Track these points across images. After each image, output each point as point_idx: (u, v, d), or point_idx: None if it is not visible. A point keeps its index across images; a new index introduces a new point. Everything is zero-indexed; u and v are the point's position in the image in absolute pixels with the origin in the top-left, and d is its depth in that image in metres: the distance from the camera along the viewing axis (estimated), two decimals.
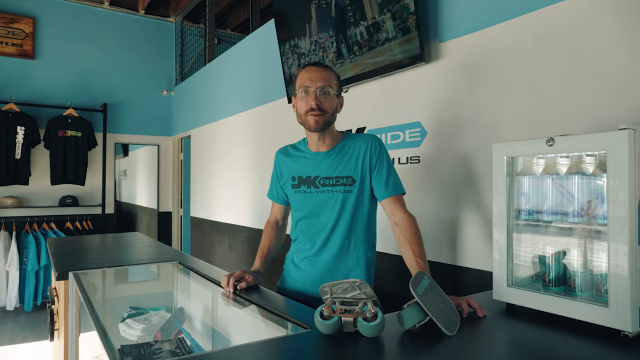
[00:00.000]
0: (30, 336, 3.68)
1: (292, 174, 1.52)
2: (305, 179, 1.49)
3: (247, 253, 3.61)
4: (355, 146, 1.45)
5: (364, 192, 1.44)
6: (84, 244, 2.65)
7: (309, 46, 2.54)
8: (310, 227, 1.49)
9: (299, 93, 1.42)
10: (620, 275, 0.91)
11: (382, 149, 1.45)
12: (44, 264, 4.38)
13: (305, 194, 1.48)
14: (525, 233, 1.15)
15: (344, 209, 1.43)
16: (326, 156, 1.47)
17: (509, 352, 0.95)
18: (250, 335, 1.38)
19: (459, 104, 1.83)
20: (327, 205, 1.44)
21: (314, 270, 1.47)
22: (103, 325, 1.17)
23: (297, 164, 1.52)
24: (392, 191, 1.42)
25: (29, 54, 4.60)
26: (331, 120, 1.44)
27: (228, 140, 3.99)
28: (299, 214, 1.52)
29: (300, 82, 1.42)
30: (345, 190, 1.43)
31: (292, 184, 1.52)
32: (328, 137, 1.47)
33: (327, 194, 1.44)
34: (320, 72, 1.41)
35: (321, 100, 1.39)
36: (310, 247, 1.49)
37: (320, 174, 1.46)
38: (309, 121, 1.41)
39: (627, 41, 1.31)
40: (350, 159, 1.44)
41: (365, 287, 0.95)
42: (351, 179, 1.43)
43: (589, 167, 1.03)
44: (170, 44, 5.49)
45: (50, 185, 4.60)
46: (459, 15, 1.84)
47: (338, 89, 1.45)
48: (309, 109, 1.39)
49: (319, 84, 1.39)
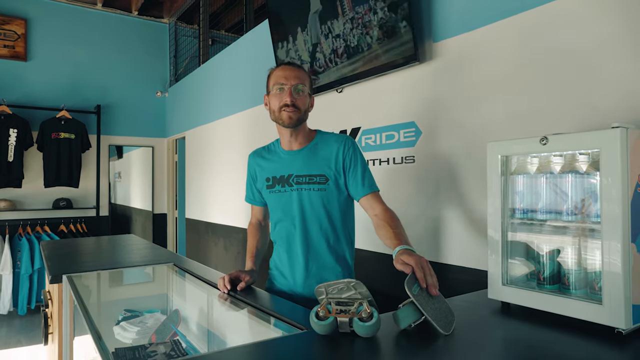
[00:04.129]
0: (24, 340, 3.65)
1: (266, 175, 1.53)
2: (279, 178, 1.49)
3: (242, 254, 3.60)
4: (328, 145, 1.48)
5: (337, 191, 1.46)
6: (78, 247, 2.63)
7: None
8: (287, 227, 1.49)
9: (273, 90, 1.44)
10: (613, 272, 0.92)
11: (355, 148, 1.47)
12: (37, 267, 4.34)
13: (280, 194, 1.49)
14: (520, 232, 1.16)
15: (319, 206, 1.45)
16: (298, 154, 1.49)
17: (505, 350, 0.96)
18: (246, 337, 1.37)
19: (453, 104, 1.84)
20: (301, 203, 1.45)
21: (298, 273, 1.48)
22: (97, 328, 1.17)
23: (271, 164, 1.53)
24: (368, 188, 1.44)
25: (21, 56, 4.57)
26: (304, 118, 1.46)
27: (223, 142, 3.98)
28: (276, 215, 1.53)
29: (274, 79, 1.44)
30: (319, 188, 1.44)
31: (266, 184, 1.53)
32: (300, 135, 1.49)
33: (301, 191, 1.45)
34: (294, 70, 1.44)
35: (295, 97, 1.41)
36: (289, 248, 1.49)
37: (294, 172, 1.47)
38: (283, 117, 1.42)
39: (619, 40, 1.32)
40: (323, 158, 1.46)
41: (361, 287, 0.95)
42: (324, 177, 1.45)
43: (583, 165, 1.04)
44: (164, 45, 5.47)
45: (44, 187, 4.56)
46: (452, 15, 1.84)
47: (310, 88, 1.49)
48: (283, 105, 1.41)
49: (294, 82, 1.42)
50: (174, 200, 5.47)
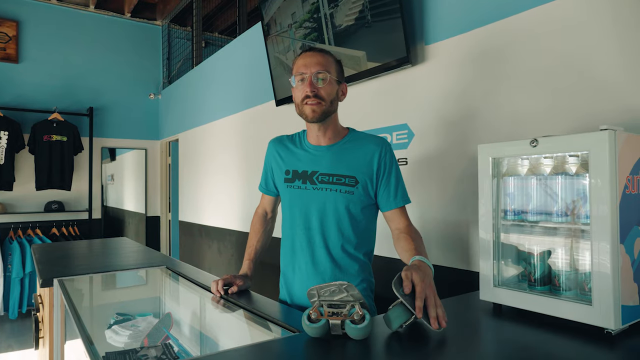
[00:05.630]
0: (15, 345, 3.61)
1: (286, 167, 1.38)
2: (301, 173, 1.34)
3: (236, 257, 3.59)
4: (363, 146, 1.33)
5: (365, 197, 1.32)
6: (70, 250, 2.61)
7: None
8: (303, 230, 1.34)
9: (295, 82, 1.30)
10: (603, 273, 0.92)
11: (393, 155, 1.34)
12: (29, 271, 4.30)
13: (299, 190, 1.34)
14: (511, 233, 1.16)
15: (343, 211, 1.30)
16: (327, 151, 1.35)
17: (496, 351, 0.96)
18: (239, 340, 1.37)
19: (445, 106, 1.85)
20: (324, 205, 1.31)
21: (315, 282, 1.29)
22: (88, 332, 1.16)
23: (293, 156, 1.39)
24: (401, 201, 1.32)
25: (12, 58, 4.53)
26: (331, 110, 1.31)
27: (216, 144, 3.97)
28: (290, 213, 1.37)
29: (295, 69, 1.30)
30: (346, 190, 1.30)
31: (285, 177, 1.37)
32: (330, 130, 1.35)
33: (325, 192, 1.30)
34: (315, 56, 1.28)
35: (317, 86, 1.26)
36: (302, 255, 1.35)
37: (319, 170, 1.32)
38: (306, 111, 1.28)
39: (609, 43, 1.34)
40: (357, 158, 1.32)
41: (353, 290, 0.95)
42: (354, 179, 1.30)
43: (572, 167, 1.05)
44: (157, 47, 5.45)
45: (36, 190, 4.53)
46: (444, 17, 1.85)
47: (338, 75, 1.32)
48: (305, 97, 1.27)
49: (314, 69, 1.26)
50: (167, 203, 5.44)
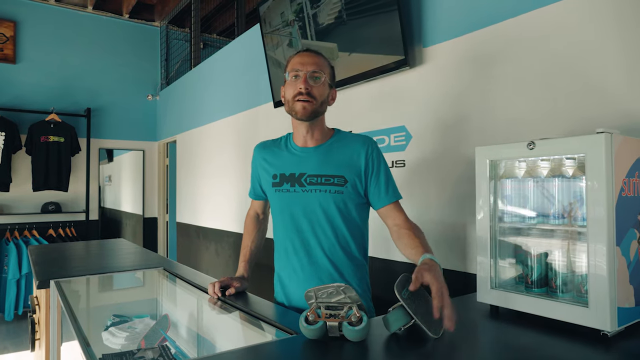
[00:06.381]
0: (10, 346, 3.59)
1: (273, 171, 1.38)
2: (288, 176, 1.34)
3: (233, 258, 3.58)
4: (350, 145, 1.34)
5: (355, 196, 1.32)
6: (67, 251, 2.60)
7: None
8: (296, 233, 1.33)
9: (288, 78, 1.31)
10: (599, 275, 0.93)
11: (379, 152, 1.35)
12: (25, 272, 4.28)
13: (288, 194, 1.33)
14: (508, 235, 1.17)
15: (334, 211, 1.30)
16: (314, 152, 1.35)
17: (493, 353, 0.96)
18: (236, 342, 1.37)
19: (443, 108, 1.85)
20: (314, 207, 1.30)
21: (313, 284, 1.24)
22: (84, 334, 1.15)
23: (279, 159, 1.38)
24: (393, 197, 1.32)
25: (9, 58, 4.52)
26: (320, 111, 1.32)
27: (214, 145, 3.97)
28: (282, 217, 1.36)
29: (290, 66, 1.32)
30: (336, 190, 1.29)
31: (273, 182, 1.37)
32: (317, 131, 1.35)
33: (314, 193, 1.30)
34: (312, 57, 1.31)
35: (311, 85, 1.28)
36: (297, 258, 1.34)
37: (307, 171, 1.32)
38: (296, 107, 1.29)
39: (605, 47, 1.34)
40: (344, 157, 1.32)
41: (350, 292, 0.95)
42: (343, 178, 1.30)
43: (569, 169, 1.05)
44: (156, 48, 5.45)
45: (32, 191, 4.51)
46: (442, 20, 1.86)
47: (331, 78, 1.35)
48: (297, 93, 1.28)
49: (310, 68, 1.28)
50: (165, 204, 5.43)
